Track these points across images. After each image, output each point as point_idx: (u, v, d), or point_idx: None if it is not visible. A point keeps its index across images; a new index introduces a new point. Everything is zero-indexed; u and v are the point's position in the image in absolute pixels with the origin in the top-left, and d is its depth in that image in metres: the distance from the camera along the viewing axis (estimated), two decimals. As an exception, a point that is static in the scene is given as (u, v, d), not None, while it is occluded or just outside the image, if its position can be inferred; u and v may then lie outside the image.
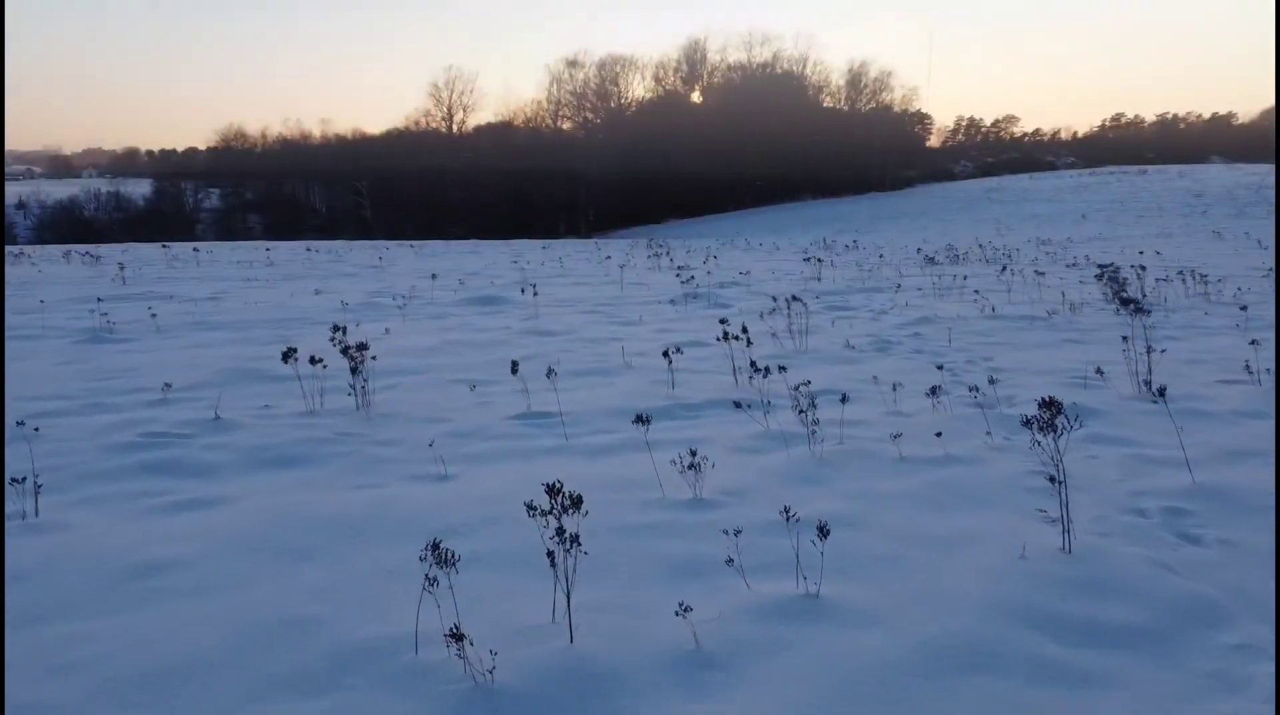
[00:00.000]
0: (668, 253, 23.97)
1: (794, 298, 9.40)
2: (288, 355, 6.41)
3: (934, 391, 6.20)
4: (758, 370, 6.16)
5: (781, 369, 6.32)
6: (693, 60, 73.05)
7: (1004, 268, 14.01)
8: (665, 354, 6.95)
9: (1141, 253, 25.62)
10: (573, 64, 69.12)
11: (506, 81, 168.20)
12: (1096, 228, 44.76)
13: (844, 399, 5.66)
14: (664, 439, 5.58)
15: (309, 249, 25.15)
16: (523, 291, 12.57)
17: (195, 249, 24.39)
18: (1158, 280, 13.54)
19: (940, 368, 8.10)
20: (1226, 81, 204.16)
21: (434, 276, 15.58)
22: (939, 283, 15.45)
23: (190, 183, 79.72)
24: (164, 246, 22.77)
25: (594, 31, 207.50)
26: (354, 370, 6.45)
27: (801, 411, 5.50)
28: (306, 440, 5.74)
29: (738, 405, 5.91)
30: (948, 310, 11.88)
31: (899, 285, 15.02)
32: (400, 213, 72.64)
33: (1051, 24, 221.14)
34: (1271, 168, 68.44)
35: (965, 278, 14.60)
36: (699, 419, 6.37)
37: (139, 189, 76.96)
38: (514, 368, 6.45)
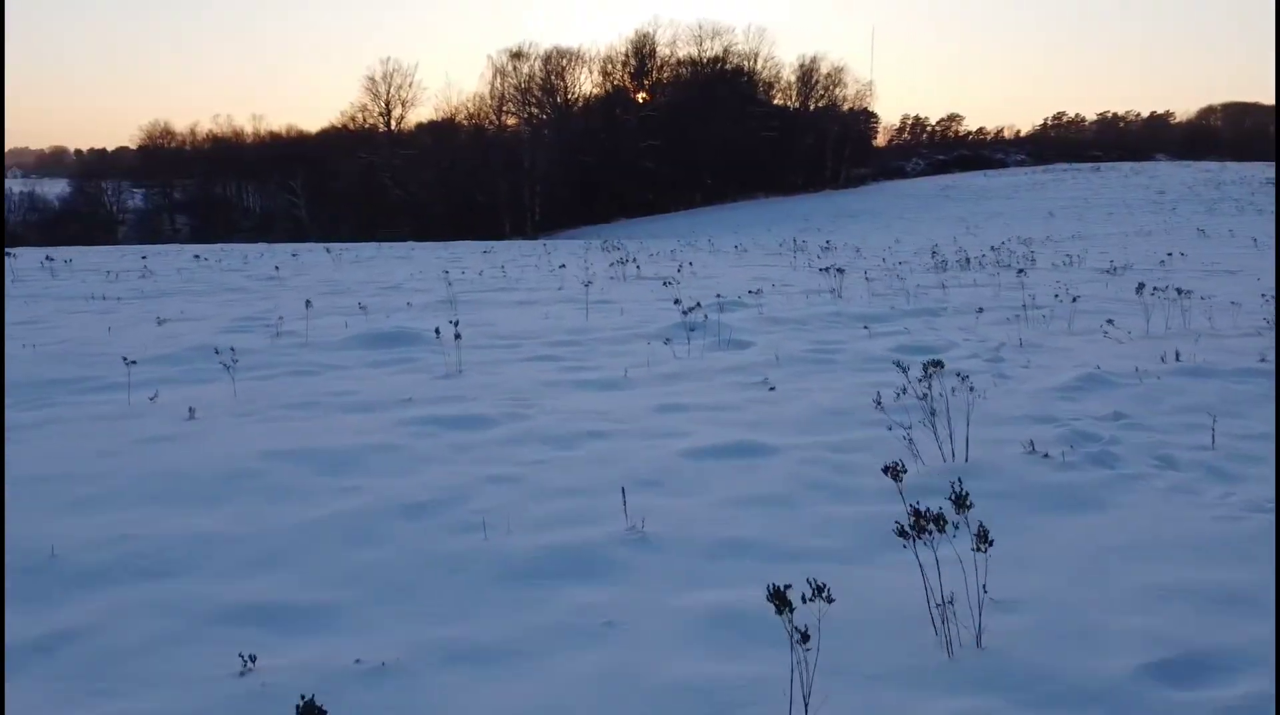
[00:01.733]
0: (633, 260, 19.35)
1: (934, 363, 4.85)
2: None
3: None
4: None
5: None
6: (641, 54, 68.20)
7: (1141, 286, 9.61)
8: (784, 606, 2.31)
9: (1170, 254, 21.72)
10: (517, 55, 63.78)
11: (448, 75, 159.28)
12: (1069, 226, 41.18)
13: None
14: None
15: (197, 257, 20.08)
16: (438, 333, 7.87)
17: (49, 258, 19.13)
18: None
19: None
20: (1161, 81, 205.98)
21: (307, 303, 10.74)
22: (1029, 301, 11.09)
23: (112, 183, 72.72)
24: (9, 254, 17.62)
25: (538, 22, 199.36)
26: None
27: None
28: None
29: None
30: (1106, 358, 7.43)
31: (980, 309, 10.49)
32: (336, 213, 66.99)
33: (986, 24, 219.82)
34: (1221, 164, 66.11)
35: (1074, 299, 10.15)
36: None
37: (55, 189, 69.97)
38: None
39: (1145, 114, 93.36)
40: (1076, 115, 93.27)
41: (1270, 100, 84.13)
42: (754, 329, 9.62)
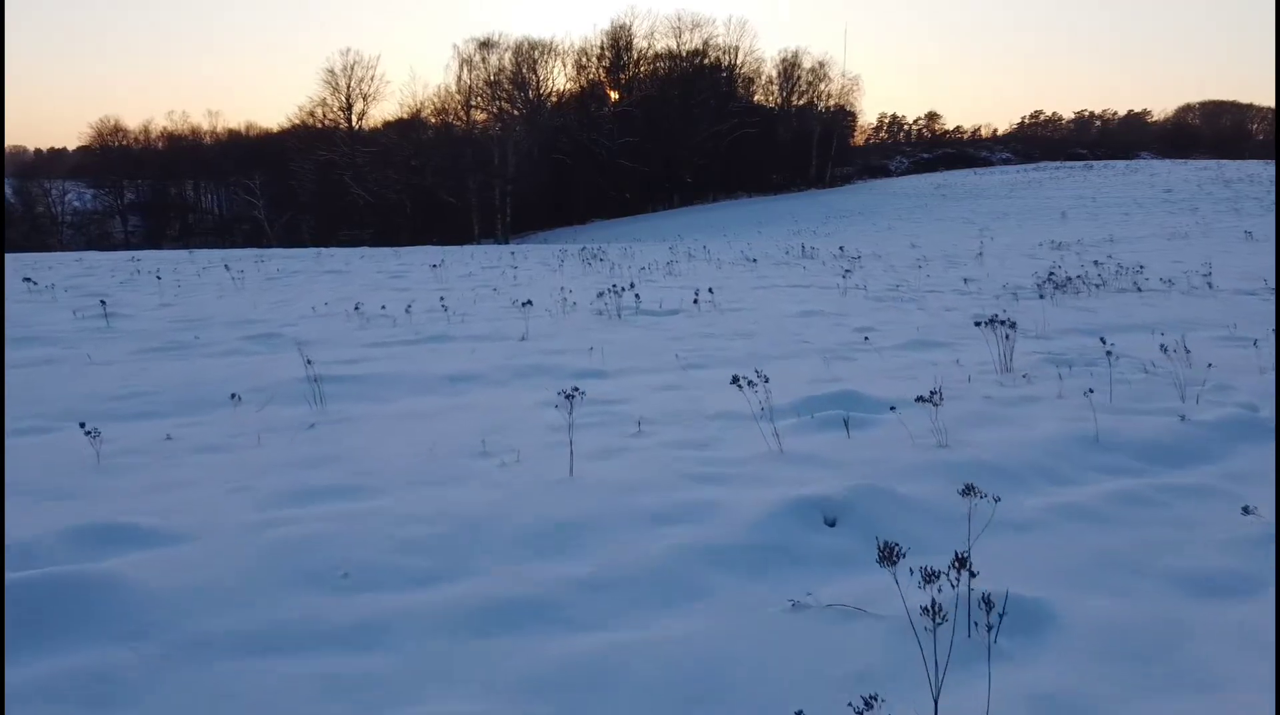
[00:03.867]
0: (630, 285, 13.55)
1: None
2: None
3: None
4: None
5: None
6: (618, 47, 62.17)
7: None
8: None
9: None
10: (485, 45, 57.51)
11: (412, 68, 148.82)
12: (1090, 227, 35.86)
13: None
14: None
15: (28, 280, 14.17)
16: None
17: None
18: None
19: None
20: (1134, 80, 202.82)
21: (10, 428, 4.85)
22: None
23: (59, 182, 65.63)
24: None
25: (507, 11, 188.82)
26: None
27: None
28: None
29: None
30: None
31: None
32: (297, 214, 60.57)
33: (957, 22, 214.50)
34: (1219, 162, 61.32)
35: None
36: None
37: (-10, 189, 62.78)
38: None
39: (1122, 112, 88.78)
40: (1054, 114, 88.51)
41: (1246, 99, 79.97)
42: (960, 513, 3.89)
